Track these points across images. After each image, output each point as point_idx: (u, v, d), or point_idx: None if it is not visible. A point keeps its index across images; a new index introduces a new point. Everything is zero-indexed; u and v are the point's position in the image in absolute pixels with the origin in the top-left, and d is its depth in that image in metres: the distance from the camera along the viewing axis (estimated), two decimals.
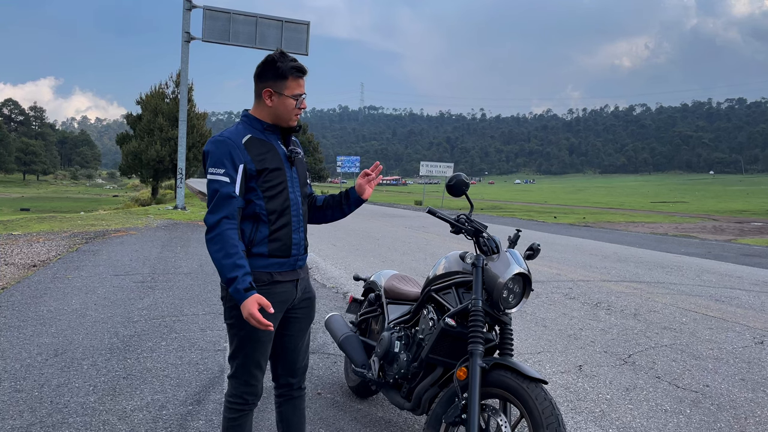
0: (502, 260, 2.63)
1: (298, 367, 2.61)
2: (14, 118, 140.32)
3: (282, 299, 2.40)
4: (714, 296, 7.69)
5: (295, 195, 2.41)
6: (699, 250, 13.71)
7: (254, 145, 2.32)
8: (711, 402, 3.95)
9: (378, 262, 9.77)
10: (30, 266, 8.22)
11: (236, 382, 2.42)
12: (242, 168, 2.26)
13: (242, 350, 2.38)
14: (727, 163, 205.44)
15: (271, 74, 2.31)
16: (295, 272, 2.44)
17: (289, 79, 2.30)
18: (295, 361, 2.60)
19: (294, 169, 2.44)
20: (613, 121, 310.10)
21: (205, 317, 5.69)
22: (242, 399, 2.42)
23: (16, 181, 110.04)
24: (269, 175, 2.32)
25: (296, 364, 2.60)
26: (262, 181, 2.31)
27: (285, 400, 2.64)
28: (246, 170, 2.27)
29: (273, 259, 2.35)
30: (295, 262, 2.42)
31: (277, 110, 2.34)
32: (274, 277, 2.35)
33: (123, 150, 36.29)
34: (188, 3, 21.29)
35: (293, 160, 2.43)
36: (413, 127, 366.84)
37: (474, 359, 2.46)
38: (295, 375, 2.62)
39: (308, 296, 2.57)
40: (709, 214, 33.95)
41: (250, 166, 2.28)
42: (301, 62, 2.36)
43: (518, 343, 5.05)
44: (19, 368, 4.09)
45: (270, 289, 2.34)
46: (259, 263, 2.34)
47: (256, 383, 2.44)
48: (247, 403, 2.43)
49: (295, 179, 2.44)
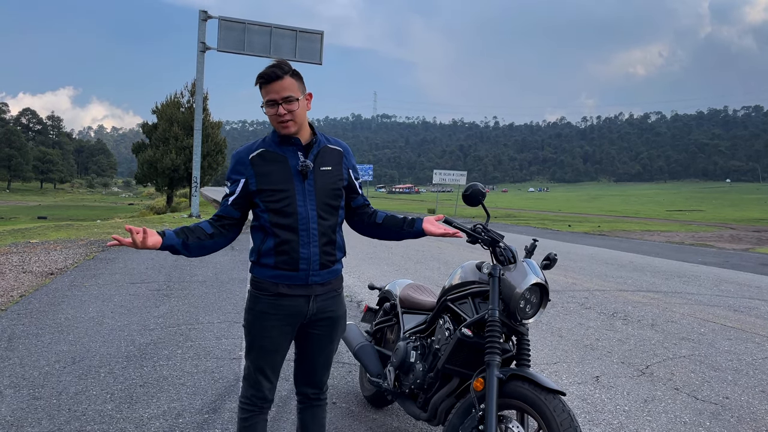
0: (519, 270, 2.62)
1: (315, 381, 2.61)
2: (32, 127, 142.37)
3: (289, 312, 2.38)
4: (733, 306, 7.59)
5: (306, 209, 2.33)
6: (716, 260, 13.55)
7: (262, 161, 2.35)
8: (731, 414, 3.89)
9: (392, 271, 9.76)
10: (47, 274, 8.31)
11: (245, 383, 2.50)
12: (243, 183, 2.36)
13: (249, 355, 2.47)
14: (744, 171, 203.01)
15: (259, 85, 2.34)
16: (308, 287, 2.38)
17: (262, 89, 2.30)
18: (312, 374, 2.59)
19: (309, 183, 2.35)
20: (628, 128, 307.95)
21: (220, 325, 5.71)
22: (250, 401, 2.46)
23: (33, 189, 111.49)
24: (272, 193, 2.32)
25: (313, 377, 2.60)
26: (265, 196, 2.33)
27: (304, 407, 2.65)
28: (246, 186, 2.36)
29: (279, 271, 2.35)
30: (307, 277, 2.35)
31: (271, 120, 2.34)
32: (279, 288, 2.36)
33: (139, 159, 36.69)
34: (204, 14, 21.54)
35: (306, 174, 2.35)
36: (426, 135, 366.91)
37: (491, 370, 2.44)
38: (312, 386, 2.62)
39: (330, 315, 2.49)
40: (726, 222, 33.56)
41: (251, 182, 2.34)
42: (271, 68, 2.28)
43: (535, 354, 5.01)
44: (37, 376, 4.13)
45: (276, 300, 2.36)
46: (266, 273, 2.37)
47: (262, 389, 2.45)
48: (255, 405, 2.46)
49: (310, 192, 2.35)
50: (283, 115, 2.27)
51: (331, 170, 2.43)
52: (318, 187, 2.37)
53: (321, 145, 2.43)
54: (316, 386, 2.62)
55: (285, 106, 2.26)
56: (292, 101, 2.27)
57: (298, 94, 2.29)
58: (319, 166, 2.39)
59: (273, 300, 2.36)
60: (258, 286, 2.41)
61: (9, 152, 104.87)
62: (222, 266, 9.58)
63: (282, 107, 2.26)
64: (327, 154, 2.44)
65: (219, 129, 37.83)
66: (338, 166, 2.46)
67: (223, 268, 9.34)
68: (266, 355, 2.42)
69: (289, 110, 2.27)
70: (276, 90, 2.25)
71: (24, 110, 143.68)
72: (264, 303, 2.38)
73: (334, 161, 2.46)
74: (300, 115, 2.31)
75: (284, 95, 2.26)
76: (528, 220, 34.22)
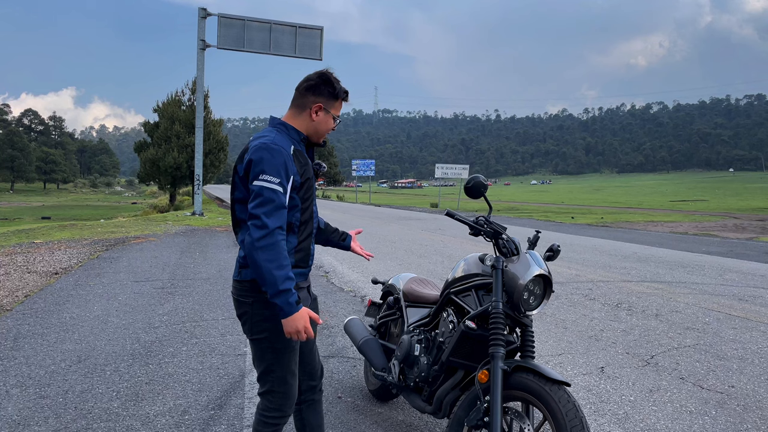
0: (522, 262, 2.62)
1: (316, 369, 2.67)
2: (34, 128, 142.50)
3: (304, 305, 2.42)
4: (737, 295, 7.57)
5: (316, 208, 2.53)
6: (720, 249, 13.51)
7: (298, 157, 2.34)
8: (737, 403, 3.89)
9: (395, 266, 9.76)
10: (52, 274, 8.34)
11: (274, 396, 2.37)
12: (291, 180, 2.25)
13: (279, 362, 2.34)
14: (747, 160, 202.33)
15: (327, 92, 2.36)
16: (307, 279, 2.53)
17: (339, 101, 2.41)
18: (313, 363, 2.65)
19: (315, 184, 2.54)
20: (630, 119, 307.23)
21: (224, 322, 5.72)
22: (281, 411, 2.38)
23: (36, 189, 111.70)
24: (309, 189, 2.39)
25: (314, 366, 2.66)
26: (303, 193, 2.34)
27: (307, 405, 2.66)
28: (293, 181, 2.27)
29: (298, 269, 2.38)
30: (310, 270, 2.52)
31: (318, 126, 2.39)
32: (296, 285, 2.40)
33: (141, 157, 36.65)
34: (203, 11, 21.51)
35: (317, 174, 2.53)
36: (428, 129, 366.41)
37: (495, 362, 2.44)
38: (316, 377, 2.65)
39: (314, 297, 2.65)
40: (730, 212, 33.46)
41: (296, 178, 2.28)
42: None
43: (539, 345, 5.01)
44: (43, 375, 4.14)
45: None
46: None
47: (295, 392, 2.43)
48: (285, 415, 2.41)
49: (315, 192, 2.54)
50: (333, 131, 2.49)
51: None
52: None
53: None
54: (316, 376, 2.67)
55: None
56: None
57: None
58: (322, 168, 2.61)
59: None
60: None
61: (12, 153, 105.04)
62: (225, 263, 9.60)
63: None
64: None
65: (221, 126, 37.77)
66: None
67: (226, 266, 9.35)
68: (296, 354, 2.41)
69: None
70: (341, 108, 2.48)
71: (26, 111, 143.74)
72: None
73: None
74: None
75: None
76: (531, 212, 34.18)
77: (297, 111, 2.39)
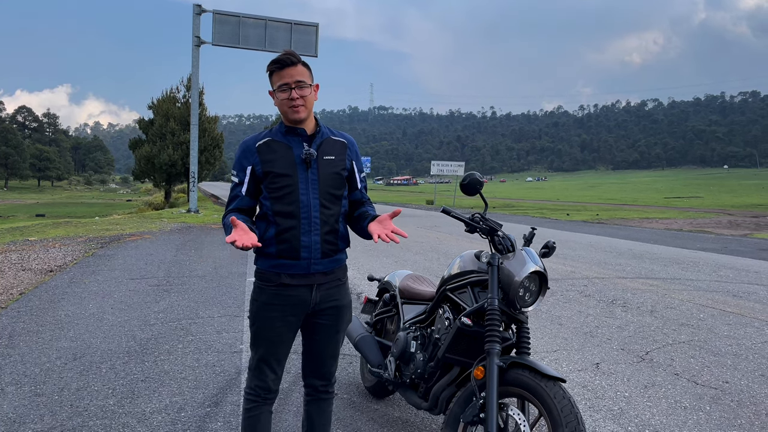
0: (518, 259, 2.62)
1: (323, 372, 2.60)
2: (28, 125, 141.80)
3: (293, 302, 2.39)
4: (731, 292, 7.61)
5: (308, 197, 2.34)
6: (715, 246, 13.57)
7: (268, 149, 2.37)
8: (731, 399, 3.91)
9: (391, 263, 9.77)
10: (47, 271, 8.31)
11: (250, 374, 2.50)
12: (250, 170, 2.37)
13: (254, 346, 2.47)
14: (742, 157, 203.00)
15: (268, 74, 2.38)
16: (309, 276, 2.38)
17: (273, 75, 2.35)
18: (320, 365, 2.59)
19: (312, 171, 2.37)
20: (625, 116, 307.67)
21: (220, 319, 5.72)
22: (255, 392, 2.47)
23: (31, 187, 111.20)
24: (275, 178, 2.35)
25: (321, 369, 2.59)
26: (268, 183, 2.36)
27: (311, 400, 2.65)
28: (254, 172, 2.37)
29: (281, 260, 2.37)
30: (308, 266, 2.36)
31: (279, 108, 2.39)
32: (282, 278, 2.37)
33: (136, 155, 36.49)
34: (198, 8, 21.42)
35: (309, 163, 2.36)
36: (423, 126, 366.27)
37: (491, 358, 2.45)
38: (320, 378, 2.61)
39: (335, 304, 2.49)
40: (725, 208, 33.60)
41: (257, 168, 2.37)
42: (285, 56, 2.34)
43: (535, 342, 5.03)
44: (38, 372, 4.13)
45: (278, 290, 2.38)
46: (268, 263, 2.39)
47: (266, 380, 2.46)
48: (259, 396, 2.47)
49: (313, 181, 2.36)
50: (296, 99, 2.32)
51: (335, 159, 2.45)
52: (321, 176, 2.39)
53: (324, 136, 2.46)
54: (324, 378, 2.61)
55: (297, 90, 2.32)
56: (304, 87, 2.33)
57: (309, 81, 2.36)
58: (322, 155, 2.41)
59: (276, 290, 2.38)
60: (261, 276, 2.43)
61: (5, 150, 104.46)
62: (221, 261, 9.59)
63: (294, 91, 2.31)
64: (330, 144, 2.47)
65: (216, 124, 37.63)
66: (341, 156, 2.48)
67: (222, 263, 9.34)
68: (271, 346, 2.43)
69: (301, 95, 2.32)
70: (290, 74, 2.31)
71: (19, 108, 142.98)
72: (267, 294, 2.39)
73: (338, 151, 2.47)
74: (310, 102, 2.37)
75: (297, 79, 2.32)
76: (526, 209, 34.23)
77: None
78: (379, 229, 2.34)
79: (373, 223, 2.40)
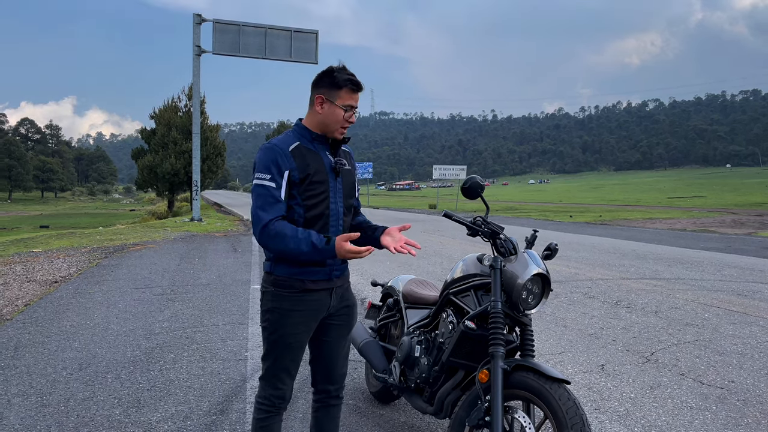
0: (520, 261, 2.63)
1: (336, 374, 2.63)
2: (30, 137, 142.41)
3: (314, 308, 2.42)
4: (736, 291, 7.59)
5: (336, 206, 2.43)
6: (719, 245, 13.54)
7: (301, 153, 2.36)
8: (737, 398, 3.90)
9: (394, 267, 9.77)
10: (52, 282, 8.33)
11: (265, 384, 2.48)
12: (287, 174, 2.31)
13: (272, 354, 2.44)
14: (744, 155, 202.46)
15: (327, 83, 2.36)
16: (330, 281, 2.45)
17: (343, 90, 2.35)
18: (334, 367, 2.62)
19: (339, 180, 2.45)
20: (626, 117, 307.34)
21: (225, 327, 5.73)
22: (269, 401, 2.46)
23: (34, 198, 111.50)
24: (311, 185, 2.35)
25: (334, 371, 2.63)
26: (304, 189, 2.35)
27: (321, 407, 2.67)
28: (290, 177, 2.32)
29: (307, 267, 2.37)
30: (330, 272, 2.43)
31: (326, 118, 2.38)
32: (306, 285, 2.38)
33: (138, 164, 36.61)
34: (198, 17, 21.52)
35: (338, 171, 2.44)
36: (424, 131, 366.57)
37: (495, 361, 2.45)
38: (333, 382, 2.63)
39: (347, 304, 2.59)
40: (728, 207, 33.51)
41: (293, 174, 2.32)
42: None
43: (539, 344, 5.02)
44: (44, 383, 4.14)
45: (302, 296, 2.39)
46: (293, 270, 2.37)
47: (284, 387, 2.46)
48: (273, 405, 2.47)
49: (339, 190, 2.45)
50: (351, 123, 2.40)
51: (350, 169, 2.55)
52: (344, 185, 2.48)
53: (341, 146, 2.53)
54: (337, 381, 2.64)
55: (354, 115, 2.41)
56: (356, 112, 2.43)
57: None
58: (343, 165, 2.48)
59: (299, 296, 2.38)
60: (282, 284, 2.39)
61: (9, 163, 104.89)
62: (225, 269, 9.61)
63: (354, 116, 2.40)
64: (344, 154, 2.54)
65: (218, 132, 37.75)
66: (352, 166, 2.59)
67: (226, 271, 9.36)
68: (291, 352, 2.43)
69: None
70: (357, 99, 2.40)
71: (22, 120, 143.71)
72: (291, 300, 2.38)
73: (349, 161, 2.57)
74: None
75: (357, 105, 2.41)
76: (529, 212, 34.20)
77: (309, 109, 2.43)
78: (392, 242, 2.44)
79: (385, 236, 2.48)
